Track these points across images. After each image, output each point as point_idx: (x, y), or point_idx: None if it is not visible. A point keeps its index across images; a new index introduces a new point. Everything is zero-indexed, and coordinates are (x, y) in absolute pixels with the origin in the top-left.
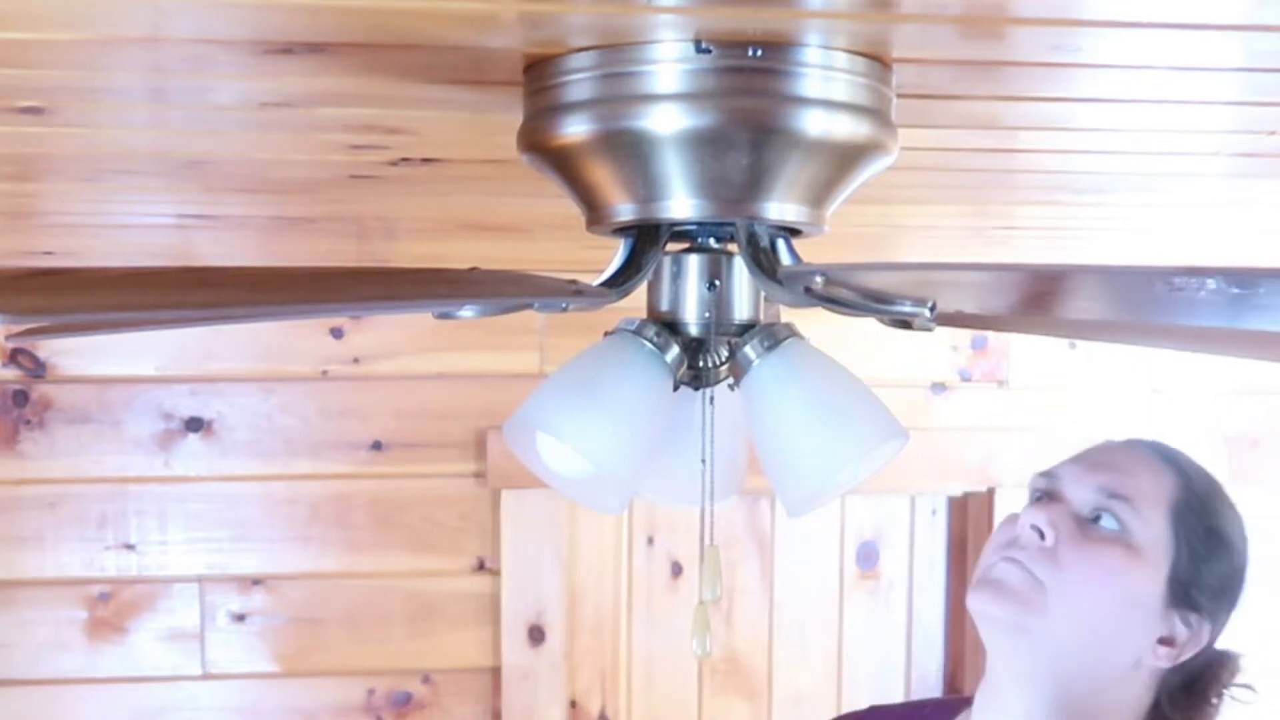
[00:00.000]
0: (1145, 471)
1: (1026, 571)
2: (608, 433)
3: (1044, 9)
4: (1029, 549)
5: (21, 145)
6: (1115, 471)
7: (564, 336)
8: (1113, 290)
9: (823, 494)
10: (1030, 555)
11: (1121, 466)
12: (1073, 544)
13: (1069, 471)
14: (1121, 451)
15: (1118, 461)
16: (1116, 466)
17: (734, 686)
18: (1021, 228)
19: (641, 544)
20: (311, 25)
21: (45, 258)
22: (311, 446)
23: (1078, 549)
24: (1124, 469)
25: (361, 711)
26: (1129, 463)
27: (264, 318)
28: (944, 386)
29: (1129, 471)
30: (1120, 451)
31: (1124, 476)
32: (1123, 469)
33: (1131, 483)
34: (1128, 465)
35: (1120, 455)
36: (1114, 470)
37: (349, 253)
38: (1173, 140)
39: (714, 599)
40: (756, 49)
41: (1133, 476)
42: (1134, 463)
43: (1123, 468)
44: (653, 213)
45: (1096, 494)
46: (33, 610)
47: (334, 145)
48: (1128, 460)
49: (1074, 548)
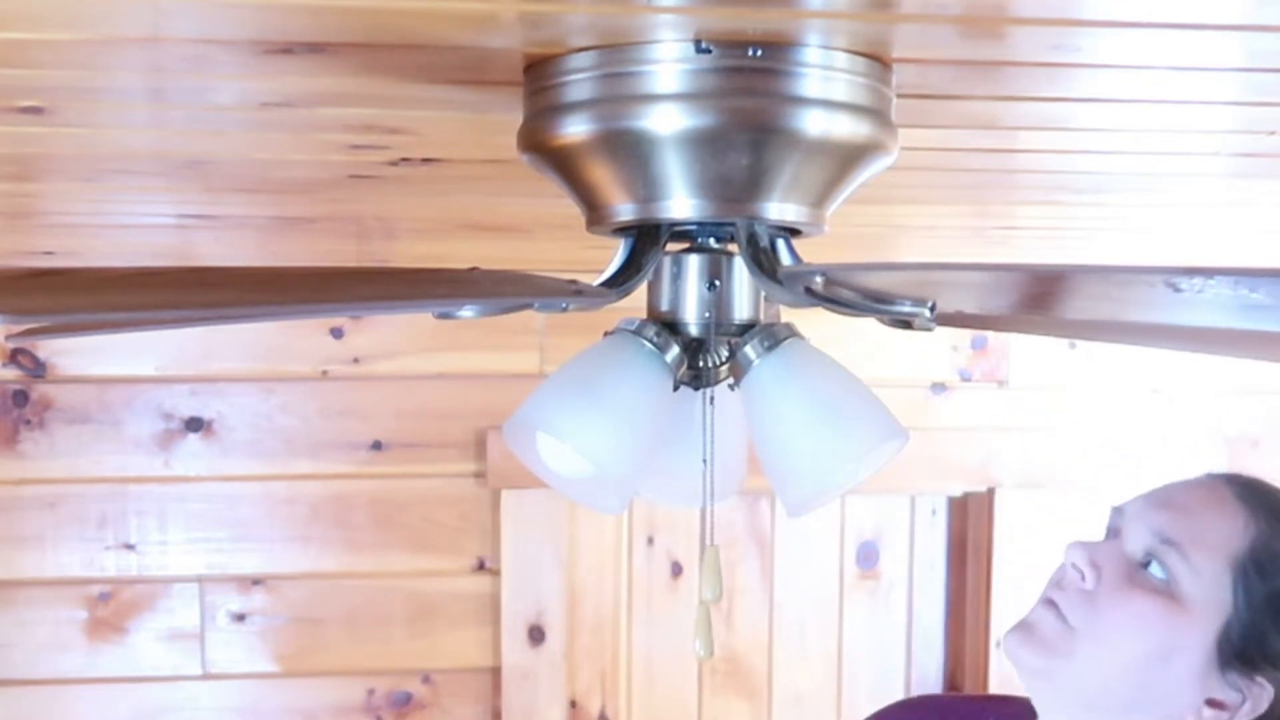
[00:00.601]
0: (1213, 515)
1: (1059, 616)
2: (608, 433)
3: (1044, 9)
4: (1068, 590)
5: (21, 145)
6: (1177, 512)
7: (564, 336)
8: (1113, 290)
9: (823, 494)
10: (1068, 598)
11: (1187, 508)
12: (1112, 589)
13: (1135, 508)
14: (1197, 490)
15: (1186, 502)
16: (1182, 507)
17: (734, 686)
18: (1021, 228)
19: (641, 544)
20: (311, 25)
21: (45, 258)
22: (311, 446)
23: (1115, 595)
24: (1189, 510)
25: (361, 711)
26: (1198, 504)
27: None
28: (944, 386)
29: (1193, 514)
30: (1196, 490)
31: (1185, 519)
32: (1188, 510)
33: (1190, 527)
34: (1195, 507)
35: (1193, 494)
36: (1177, 511)
37: (349, 253)
38: (1173, 140)
39: (714, 599)
40: (756, 49)
41: (1195, 520)
42: (1204, 505)
43: (1188, 509)
44: (653, 213)
45: (1150, 536)
46: (33, 610)
47: (334, 145)
48: (1198, 501)
49: (1112, 593)
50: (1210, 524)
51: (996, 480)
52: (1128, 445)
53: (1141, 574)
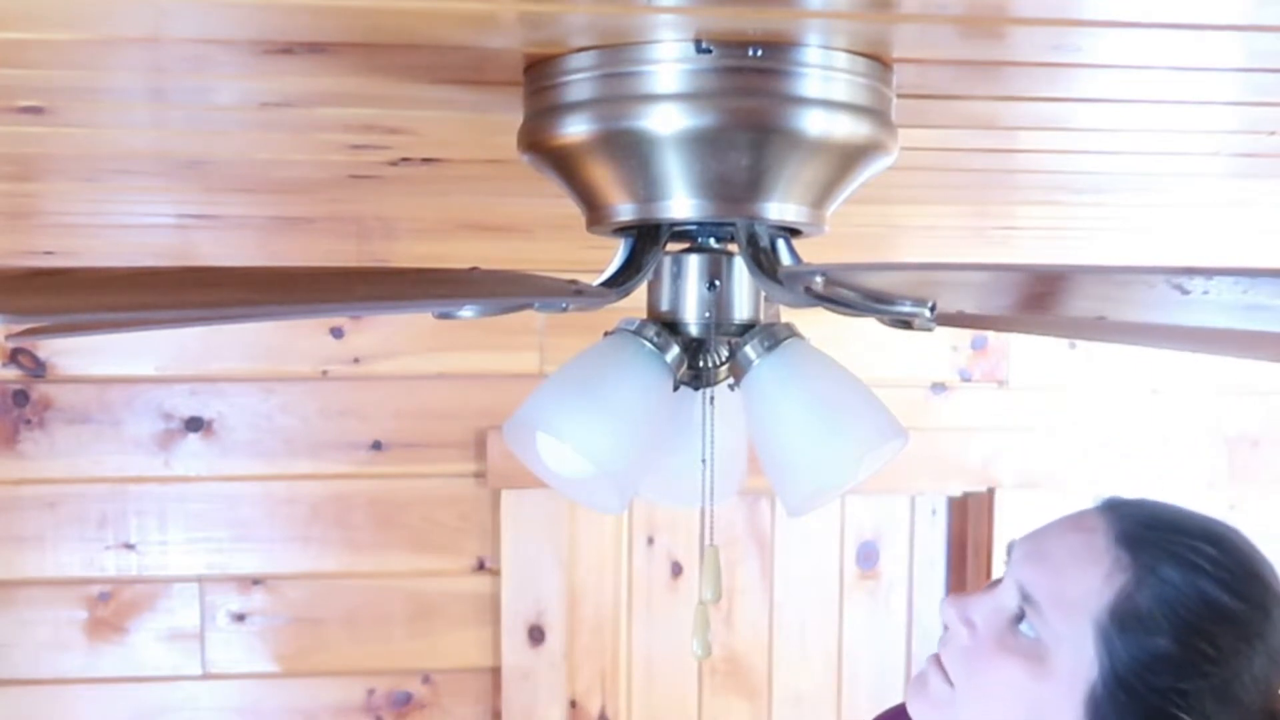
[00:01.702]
0: (1077, 569)
1: (942, 674)
2: (608, 433)
3: (1044, 9)
4: (950, 647)
5: (21, 145)
6: (1043, 566)
7: (564, 336)
8: (1113, 290)
9: (823, 494)
10: (951, 654)
11: (1055, 559)
12: (985, 648)
13: (1016, 553)
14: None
15: (1055, 551)
16: (1049, 558)
17: (734, 686)
18: (1021, 228)
19: (641, 544)
20: (312, 25)
21: (45, 258)
22: (311, 446)
23: (987, 655)
24: (1056, 563)
25: (361, 711)
26: (1066, 555)
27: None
28: (944, 386)
29: (1059, 568)
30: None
31: (1049, 574)
32: (1054, 563)
33: (1053, 584)
34: (1062, 558)
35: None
36: (1043, 564)
37: (349, 253)
38: (1173, 140)
39: (714, 599)
40: (756, 49)
41: (1058, 575)
42: (1072, 556)
43: (1055, 561)
44: (653, 213)
45: (1017, 593)
46: (33, 610)
47: (334, 145)
48: (1067, 551)
49: (985, 653)
50: (1073, 579)
51: (996, 480)
52: (1128, 445)
53: (1012, 633)
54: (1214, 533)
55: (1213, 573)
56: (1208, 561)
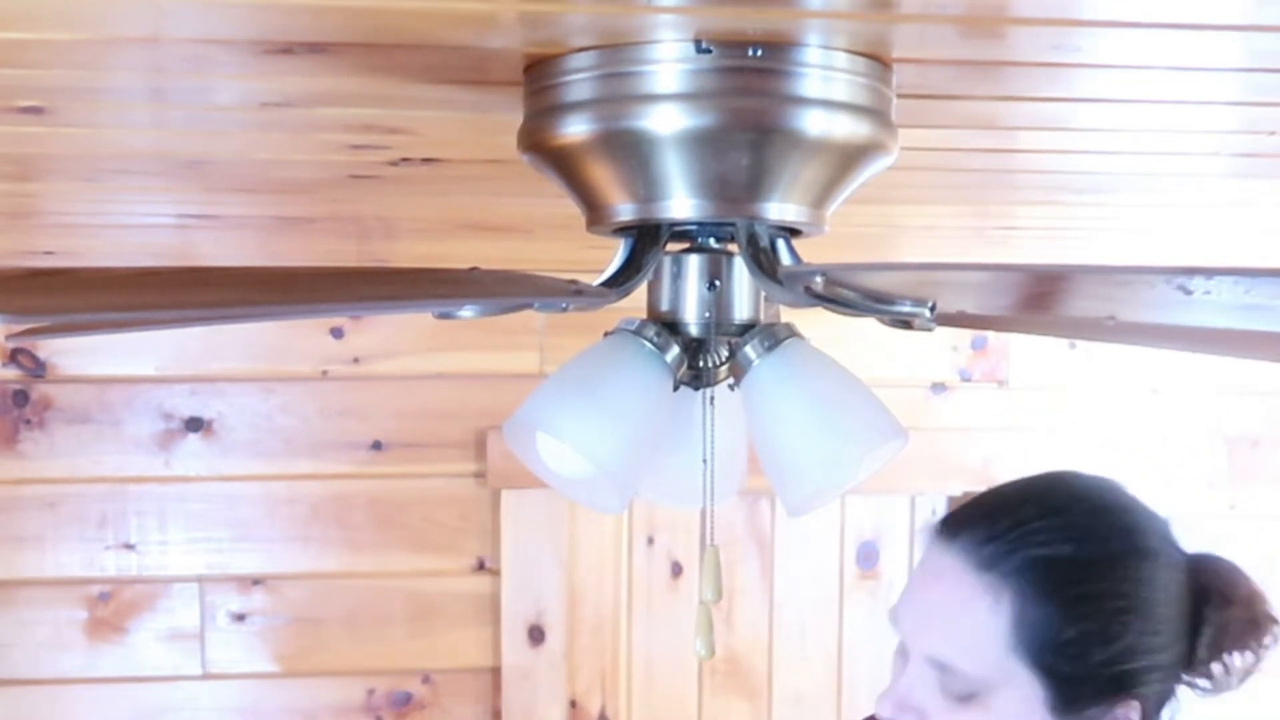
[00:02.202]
0: (963, 612)
1: None
2: (608, 433)
3: (1044, 9)
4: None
5: (21, 145)
6: (933, 625)
7: (564, 336)
8: (1113, 290)
9: (823, 494)
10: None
11: (939, 616)
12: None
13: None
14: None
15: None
16: (934, 614)
17: (734, 686)
18: (1021, 228)
19: (641, 544)
20: (312, 25)
21: (45, 258)
22: (311, 446)
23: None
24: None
25: (361, 711)
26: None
27: (264, 318)
28: (944, 386)
29: (948, 620)
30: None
31: (942, 631)
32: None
33: (950, 639)
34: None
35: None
36: (932, 624)
37: (349, 253)
38: (1173, 140)
39: (715, 599)
40: (756, 49)
41: (951, 627)
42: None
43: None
44: (653, 213)
45: (929, 665)
46: (33, 610)
47: (334, 145)
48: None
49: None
50: (967, 628)
51: (996, 480)
52: (1128, 445)
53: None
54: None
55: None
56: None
